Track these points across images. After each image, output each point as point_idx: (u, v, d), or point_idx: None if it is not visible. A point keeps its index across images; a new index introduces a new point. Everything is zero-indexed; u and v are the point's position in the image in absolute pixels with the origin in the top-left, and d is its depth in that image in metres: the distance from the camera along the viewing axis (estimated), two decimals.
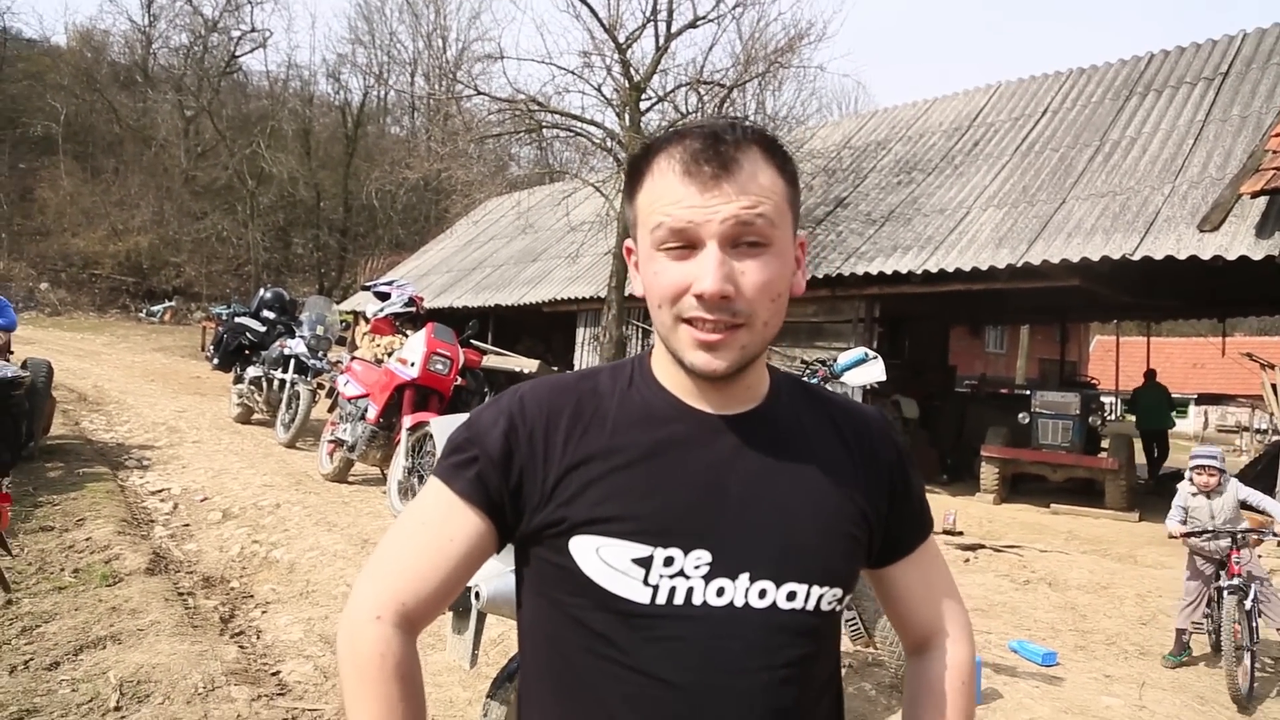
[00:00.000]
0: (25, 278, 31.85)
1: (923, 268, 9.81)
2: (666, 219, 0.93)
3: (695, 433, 1.00)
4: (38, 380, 6.72)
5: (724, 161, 0.91)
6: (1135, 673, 4.22)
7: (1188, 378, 34.61)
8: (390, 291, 7.44)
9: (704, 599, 0.94)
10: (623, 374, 1.07)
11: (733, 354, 0.94)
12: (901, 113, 14.80)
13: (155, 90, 39.42)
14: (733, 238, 0.92)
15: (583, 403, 1.02)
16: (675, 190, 0.92)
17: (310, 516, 5.97)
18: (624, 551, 0.94)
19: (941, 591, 1.15)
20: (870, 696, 3.54)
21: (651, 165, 0.97)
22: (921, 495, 1.15)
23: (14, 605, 3.89)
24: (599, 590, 0.94)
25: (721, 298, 0.91)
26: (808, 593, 0.97)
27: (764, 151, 0.96)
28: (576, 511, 0.96)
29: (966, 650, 1.14)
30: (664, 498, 0.96)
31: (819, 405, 1.11)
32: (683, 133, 0.96)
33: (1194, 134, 9.88)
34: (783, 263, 0.96)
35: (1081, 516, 9.44)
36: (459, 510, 0.99)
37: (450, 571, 0.98)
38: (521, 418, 1.01)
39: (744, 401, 1.03)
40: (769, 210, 0.93)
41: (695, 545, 0.95)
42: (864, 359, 3.43)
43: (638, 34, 12.53)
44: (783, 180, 0.97)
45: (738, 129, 0.95)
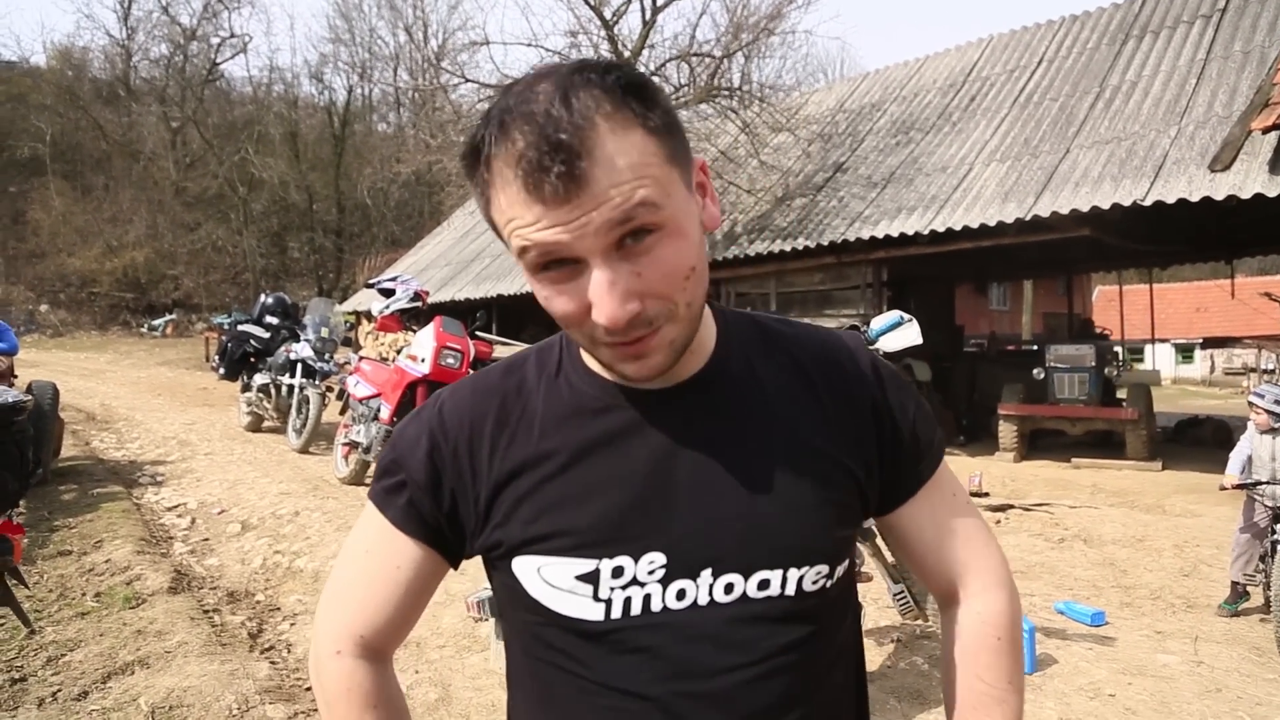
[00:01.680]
0: (25, 301, 31.78)
1: (929, 228, 9.67)
2: (528, 243, 0.75)
3: (631, 419, 0.88)
4: (44, 403, 6.61)
5: (568, 161, 0.71)
6: (1186, 627, 4.13)
7: (1191, 322, 34.52)
8: (395, 288, 7.31)
9: (664, 604, 0.84)
10: (550, 359, 0.95)
11: (662, 355, 0.81)
12: (894, 73, 14.61)
13: (139, 103, 39.21)
14: (615, 241, 0.74)
15: (507, 405, 0.92)
16: (526, 209, 0.74)
17: (330, 522, 5.88)
18: (566, 569, 0.85)
19: (961, 532, 0.98)
20: (923, 670, 3.45)
21: (490, 176, 0.76)
22: (918, 424, 0.96)
23: (38, 635, 3.81)
24: (549, 611, 0.86)
25: (630, 320, 0.76)
26: (783, 577, 0.85)
27: (615, 113, 0.73)
28: (511, 533, 0.87)
29: (1000, 600, 0.97)
30: (602, 502, 0.86)
31: (777, 346, 0.95)
32: (504, 124, 0.74)
33: (1196, 73, 9.71)
34: (683, 235, 0.78)
35: (1104, 469, 9.36)
36: (398, 539, 0.92)
37: (402, 598, 0.93)
38: (443, 434, 0.91)
39: (686, 366, 0.88)
40: (646, 192, 0.73)
41: (645, 549, 0.84)
42: (899, 322, 3.32)
43: (624, 9, 12.39)
44: (651, 137, 0.75)
45: (570, 101, 0.72)
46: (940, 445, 1.00)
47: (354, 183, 35.93)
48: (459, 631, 3.85)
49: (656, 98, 0.77)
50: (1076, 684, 3.40)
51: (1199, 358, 34.82)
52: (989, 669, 0.94)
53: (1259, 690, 3.42)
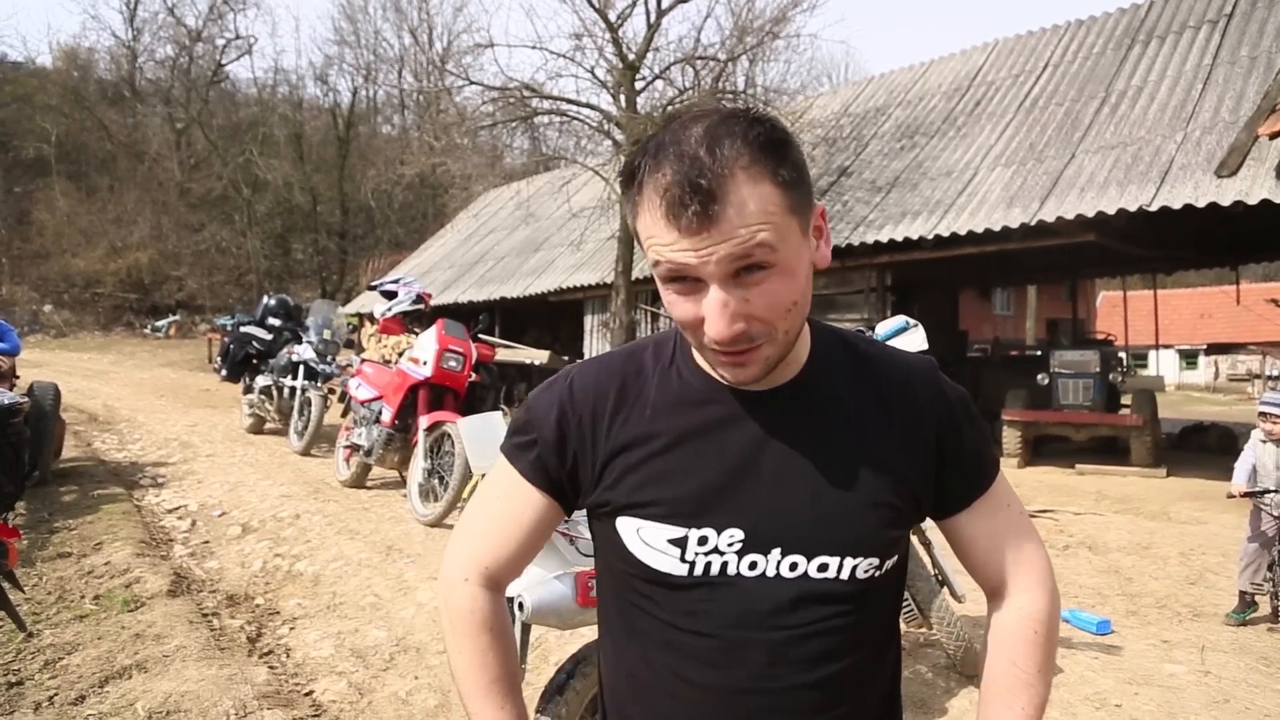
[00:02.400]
0: (28, 301, 31.84)
1: (934, 232, 9.64)
2: (661, 259, 0.91)
3: (730, 413, 1.04)
4: (45, 404, 6.60)
5: (705, 202, 0.86)
6: (1193, 636, 4.09)
7: (1196, 328, 34.42)
8: (397, 290, 7.30)
9: (737, 571, 1.00)
10: (665, 351, 1.11)
11: (758, 367, 0.97)
12: (899, 77, 14.58)
13: (144, 105, 39.29)
14: (733, 272, 0.89)
15: (626, 386, 1.08)
16: (664, 233, 0.89)
17: (331, 525, 5.86)
18: (661, 533, 1.02)
19: (1012, 538, 1.12)
20: (927, 679, 3.42)
21: (641, 193, 0.92)
22: (979, 446, 1.11)
23: (35, 638, 3.78)
24: (642, 565, 1.03)
25: (734, 337, 0.92)
26: (840, 564, 1.00)
27: (752, 165, 0.88)
28: (619, 495, 1.04)
29: (1042, 600, 1.10)
30: (698, 480, 1.01)
31: (862, 365, 1.10)
32: (657, 155, 0.90)
33: (1202, 79, 9.67)
34: (791, 274, 0.92)
35: (1108, 475, 9.31)
36: (525, 488, 1.10)
37: (524, 538, 1.12)
38: (571, 404, 1.08)
39: (780, 375, 1.04)
40: (766, 236, 0.88)
41: (728, 524, 1.00)
42: (905, 327, 3.29)
43: (628, 12, 12.33)
44: (778, 190, 0.89)
45: (717, 150, 0.87)
46: (996, 462, 1.13)
47: (358, 185, 35.93)
48: None
49: (790, 154, 0.92)
50: (1082, 694, 3.37)
51: (1203, 364, 34.74)
52: (1024, 657, 1.08)
53: (1267, 701, 3.38)
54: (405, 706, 3.20)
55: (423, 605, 4.26)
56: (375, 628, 4.01)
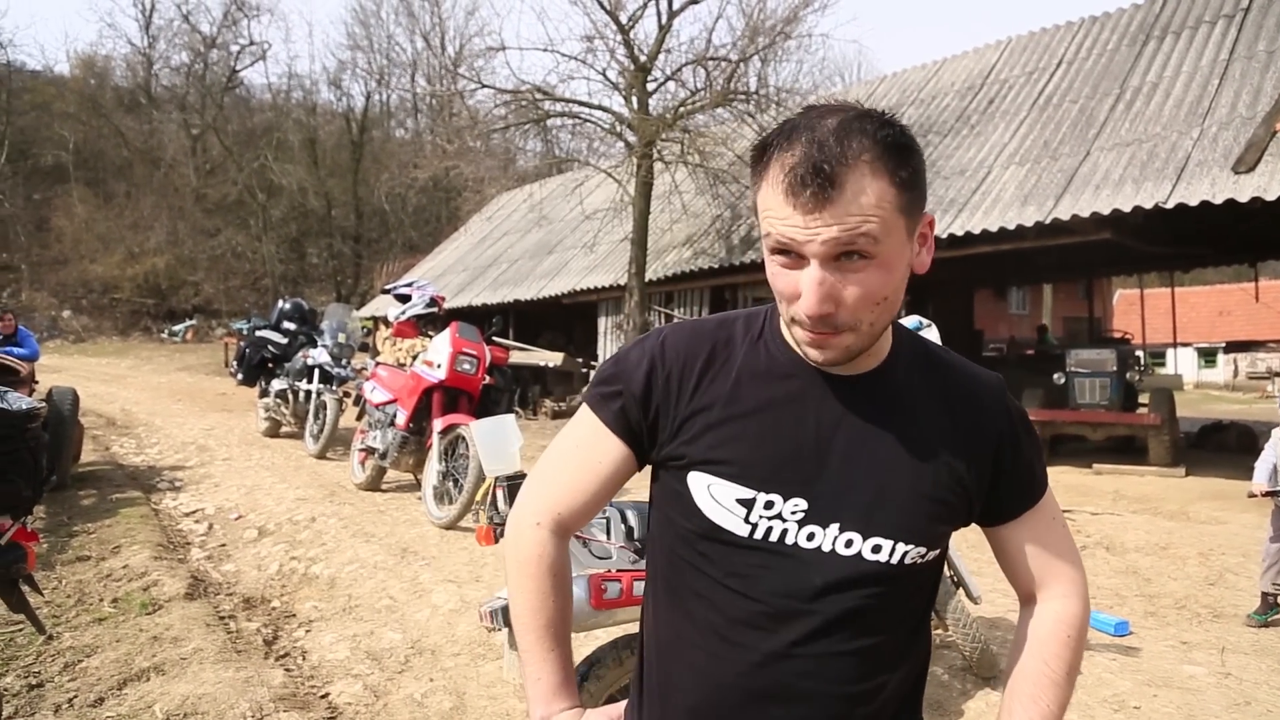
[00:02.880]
0: (48, 307, 32.16)
1: (948, 231, 9.60)
2: (774, 231, 0.97)
3: (810, 390, 1.09)
4: (63, 408, 6.66)
5: (824, 185, 0.92)
6: (1213, 638, 4.05)
7: (1214, 326, 34.11)
8: (411, 293, 7.31)
9: (795, 540, 1.05)
10: (755, 324, 1.16)
11: (837, 353, 1.02)
12: (911, 76, 14.53)
13: (160, 111, 39.65)
14: (835, 254, 0.94)
15: (715, 351, 1.13)
16: (780, 207, 0.95)
17: (347, 528, 5.88)
18: (730, 492, 1.06)
19: (1053, 549, 1.16)
20: (943, 681, 3.40)
21: (766, 171, 0.99)
22: (1034, 462, 1.15)
23: (55, 640, 3.82)
24: (706, 520, 1.07)
25: (822, 317, 0.96)
26: (893, 548, 1.04)
27: (876, 162, 0.94)
28: (696, 451, 1.09)
29: (1076, 606, 1.15)
30: (773, 448, 1.06)
31: (936, 370, 1.15)
32: (791, 135, 0.96)
33: (1219, 74, 9.59)
34: (889, 270, 0.97)
35: (1126, 475, 9.23)
36: (605, 436, 1.15)
37: (599, 488, 1.16)
38: (661, 360, 1.13)
39: (863, 363, 1.09)
40: (873, 228, 0.93)
41: (794, 494, 1.05)
42: (918, 326, 3.27)
43: (639, 14, 12.35)
44: (894, 188, 0.95)
45: (847, 141, 0.94)
46: (1045, 479, 1.18)
47: (372, 188, 36.11)
48: (474, 640, 3.83)
49: (912, 159, 0.97)
50: (1100, 696, 3.34)
51: (1222, 362, 34.40)
52: (1055, 658, 1.11)
53: None
54: (420, 709, 3.21)
55: (438, 608, 4.27)
56: (391, 630, 4.02)
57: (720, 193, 12.80)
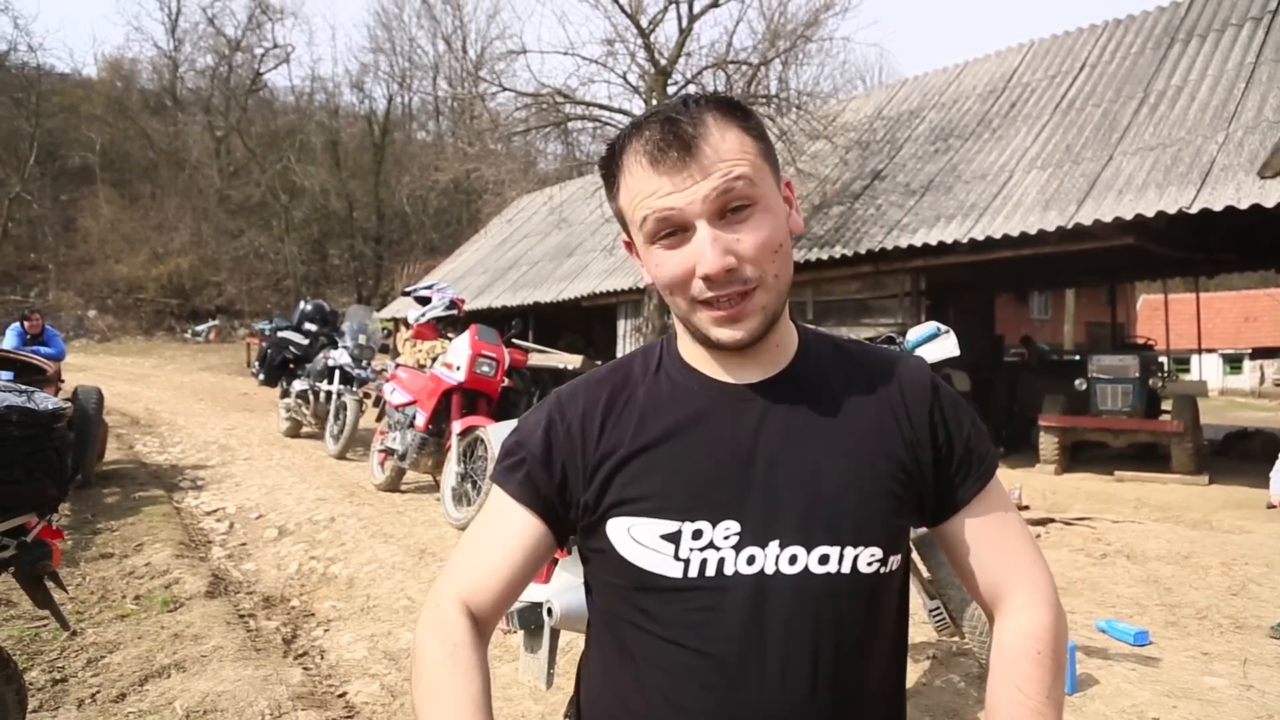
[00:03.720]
0: (74, 306, 32.57)
1: (969, 236, 9.53)
2: (650, 212, 0.94)
3: (721, 405, 1.02)
4: (89, 408, 6.75)
5: (685, 141, 0.92)
6: (1235, 649, 4.00)
7: (1240, 332, 33.72)
8: (431, 295, 7.36)
9: (735, 569, 0.95)
10: (652, 358, 1.11)
11: (754, 319, 0.96)
12: (933, 79, 14.45)
13: (185, 113, 40.10)
14: (719, 210, 0.92)
15: (615, 393, 1.07)
16: (649, 182, 0.94)
17: (366, 529, 5.93)
18: (653, 529, 0.97)
19: (1009, 547, 1.06)
20: (959, 689, 3.39)
21: (621, 164, 0.98)
22: (972, 440, 1.06)
23: (79, 636, 3.87)
24: (634, 569, 0.97)
25: (727, 272, 0.92)
26: (841, 554, 0.96)
27: (722, 115, 0.95)
28: (609, 496, 1.00)
29: (1043, 615, 1.02)
30: (690, 473, 0.98)
31: (850, 360, 1.09)
32: (639, 124, 0.97)
33: (1245, 77, 9.47)
34: (774, 215, 0.96)
35: (1148, 483, 9.13)
36: (513, 510, 1.05)
37: (510, 568, 1.04)
38: (560, 415, 1.06)
39: (771, 365, 1.04)
40: (746, 170, 0.93)
41: (723, 516, 0.96)
42: (936, 334, 3.27)
43: (660, 17, 12.38)
44: (749, 136, 0.96)
45: (689, 103, 0.96)
46: (993, 462, 1.08)
47: (393, 190, 36.35)
48: (490, 641, 3.85)
49: (751, 116, 0.99)
50: (1119, 706, 3.31)
51: (1248, 368, 33.98)
52: (1028, 681, 0.98)
53: None
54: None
55: None
56: (408, 630, 4.05)
57: None
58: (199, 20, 41.38)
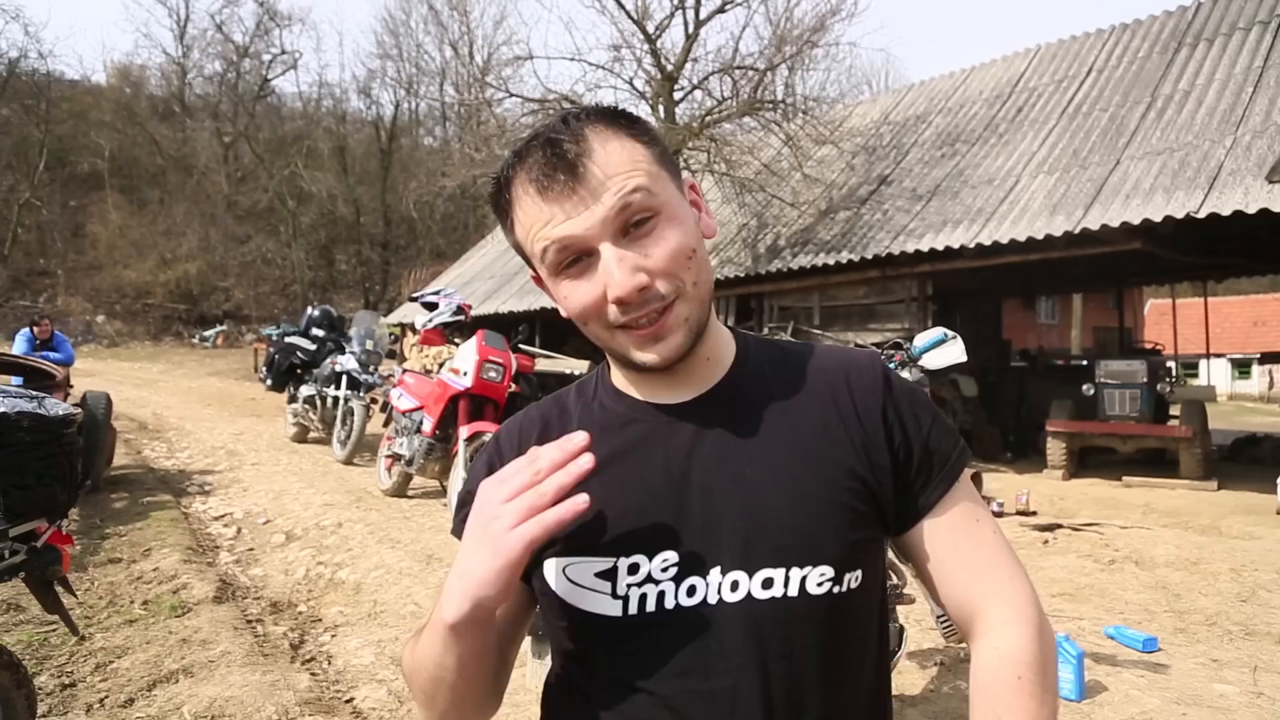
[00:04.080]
0: (82, 311, 32.71)
1: (975, 241, 9.53)
2: (547, 242, 0.88)
3: (652, 430, 0.96)
4: (97, 413, 6.75)
5: (570, 163, 0.85)
6: (1244, 656, 3.98)
7: (1249, 337, 33.61)
8: (438, 301, 7.37)
9: (676, 601, 0.88)
10: (587, 388, 1.06)
11: (678, 335, 0.90)
12: (939, 84, 14.45)
13: (193, 119, 40.31)
14: (620, 228, 0.86)
15: (549, 426, 1.02)
16: (541, 212, 0.87)
17: (373, 534, 5.94)
18: (587, 567, 0.91)
19: (981, 560, 0.94)
20: (967, 695, 3.37)
21: (511, 197, 0.91)
22: (934, 438, 0.96)
23: (87, 641, 3.88)
24: (574, 610, 0.92)
25: (639, 291, 0.86)
26: (786, 576, 0.87)
27: (605, 127, 0.89)
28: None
29: (1022, 635, 0.90)
30: (621, 505, 0.92)
31: (794, 363, 1.01)
32: (520, 152, 0.90)
33: (1253, 81, 9.46)
34: (680, 221, 0.89)
35: (1156, 488, 9.10)
36: None
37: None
38: (498, 456, 1.01)
39: (703, 381, 0.98)
40: (640, 181, 0.86)
41: (660, 548, 0.90)
42: (943, 339, 3.26)
43: (666, 23, 12.42)
44: (639, 144, 0.89)
45: (568, 120, 0.89)
46: (959, 461, 0.97)
47: (400, 196, 36.48)
48: None
49: (640, 121, 0.92)
50: (1127, 713, 3.30)
51: (1256, 373, 33.85)
52: (1008, 710, 0.87)
53: None
54: None
55: None
56: None
57: (746, 201, 12.80)
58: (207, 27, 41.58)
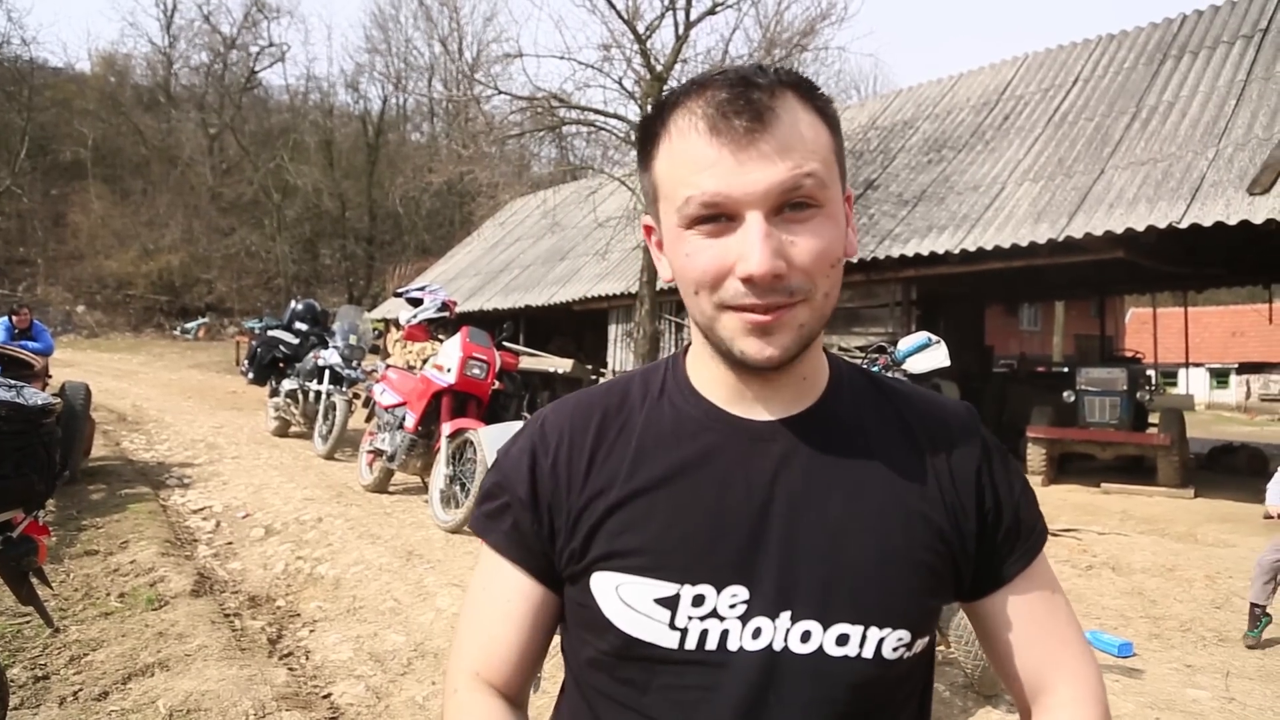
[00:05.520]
0: (62, 301, 32.38)
1: (960, 247, 9.58)
2: (695, 191, 0.76)
3: (733, 445, 0.86)
4: (76, 404, 6.68)
5: (758, 112, 0.75)
6: (1218, 661, 4.03)
7: (1227, 347, 33.96)
8: (423, 297, 7.35)
9: (740, 644, 0.80)
10: (654, 380, 0.94)
11: (789, 335, 0.79)
12: (927, 90, 14.52)
13: (178, 110, 39.97)
14: (777, 205, 0.76)
15: (608, 420, 0.90)
16: (702, 153, 0.76)
17: (353, 529, 5.91)
18: (646, 590, 0.81)
19: (1056, 636, 0.89)
20: (944, 698, 3.39)
21: (669, 124, 0.80)
22: (1023, 508, 0.91)
23: (62, 633, 3.84)
24: (620, 634, 0.82)
25: (774, 277, 0.75)
26: (863, 636, 0.80)
27: (803, 96, 0.79)
28: (596, 544, 0.85)
29: (1090, 715, 0.86)
30: (692, 525, 0.82)
31: (888, 401, 0.92)
32: (703, 82, 0.79)
33: (1235, 94, 9.56)
34: (835, 224, 0.80)
35: (1134, 495, 9.19)
36: (504, 570, 0.91)
37: (514, 634, 0.90)
38: (544, 447, 0.90)
39: (796, 400, 0.87)
40: (817, 167, 0.77)
41: (730, 581, 0.81)
42: (926, 344, 3.28)
43: (657, 23, 12.41)
44: (827, 129, 0.80)
45: (769, 71, 0.78)
46: (1042, 534, 0.93)
47: (386, 191, 36.31)
48: None
49: (831, 102, 0.83)
50: None
51: (1235, 383, 34.22)
52: None
53: None
54: (422, 711, 3.22)
55: (441, 611, 4.28)
56: (394, 632, 4.04)
57: None
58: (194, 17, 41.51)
